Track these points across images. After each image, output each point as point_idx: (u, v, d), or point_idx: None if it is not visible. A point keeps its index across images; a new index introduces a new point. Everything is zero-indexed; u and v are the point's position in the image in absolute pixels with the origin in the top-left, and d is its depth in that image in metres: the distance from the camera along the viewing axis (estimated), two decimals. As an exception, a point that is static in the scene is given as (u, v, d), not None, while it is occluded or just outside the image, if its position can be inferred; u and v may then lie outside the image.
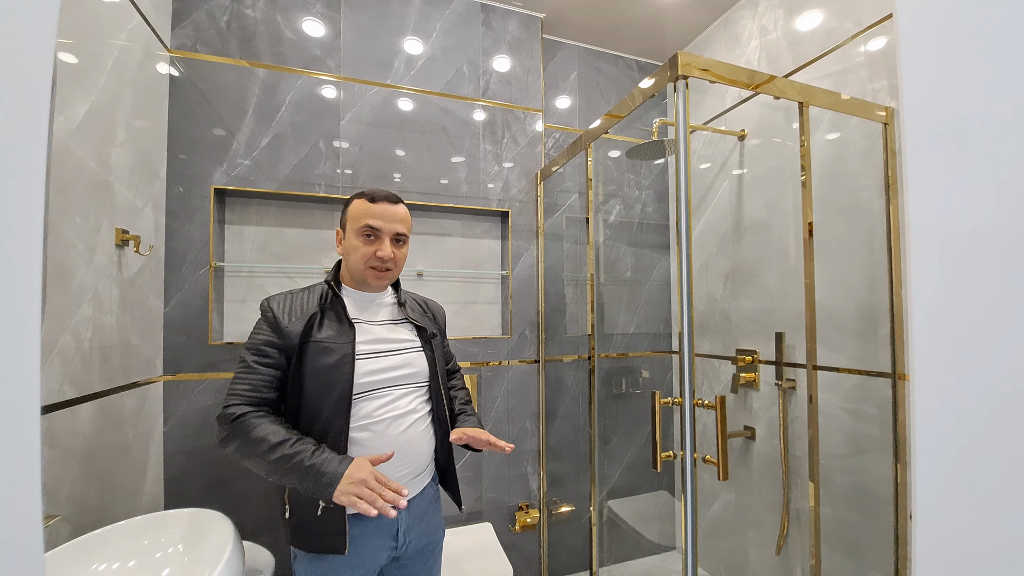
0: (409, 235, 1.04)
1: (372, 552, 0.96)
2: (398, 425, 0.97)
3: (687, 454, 1.04)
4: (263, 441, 0.83)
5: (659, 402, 1.13)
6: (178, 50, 1.48)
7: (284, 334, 0.94)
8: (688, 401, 1.05)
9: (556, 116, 2.04)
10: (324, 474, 0.80)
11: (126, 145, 1.24)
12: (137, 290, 1.30)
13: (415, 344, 1.05)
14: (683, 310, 1.07)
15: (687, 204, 1.11)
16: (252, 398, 0.90)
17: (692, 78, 1.12)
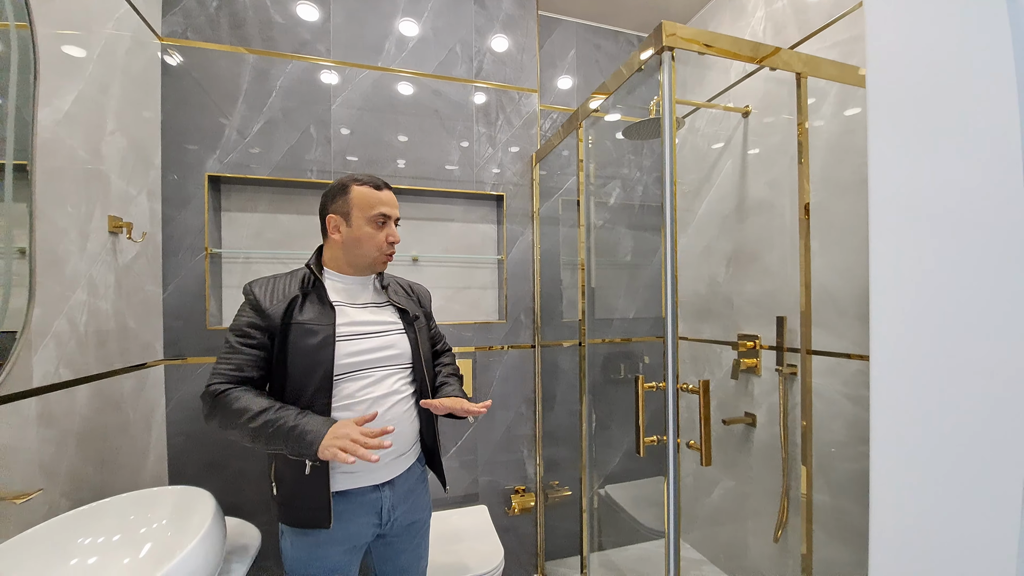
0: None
1: (357, 528, 0.98)
2: (380, 405, 0.98)
3: (670, 439, 1.02)
4: (246, 411, 0.87)
5: (642, 387, 1.11)
6: (169, 37, 1.49)
7: (266, 316, 0.95)
8: (671, 385, 1.03)
9: (554, 96, 1.99)
10: (308, 432, 0.84)
11: (117, 134, 1.26)
12: (133, 276, 1.34)
13: (397, 326, 1.07)
14: (667, 293, 1.05)
15: (672, 184, 1.07)
16: (234, 377, 0.93)
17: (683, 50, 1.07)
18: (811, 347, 1.19)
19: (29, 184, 0.92)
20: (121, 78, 1.28)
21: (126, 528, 0.85)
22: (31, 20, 0.89)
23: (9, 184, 0.87)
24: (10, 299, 0.88)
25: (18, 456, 0.90)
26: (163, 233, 1.49)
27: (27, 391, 0.93)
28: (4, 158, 0.86)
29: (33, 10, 0.90)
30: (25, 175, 0.91)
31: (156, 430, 1.43)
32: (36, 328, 0.96)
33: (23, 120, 0.90)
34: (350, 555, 1.00)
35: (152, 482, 1.40)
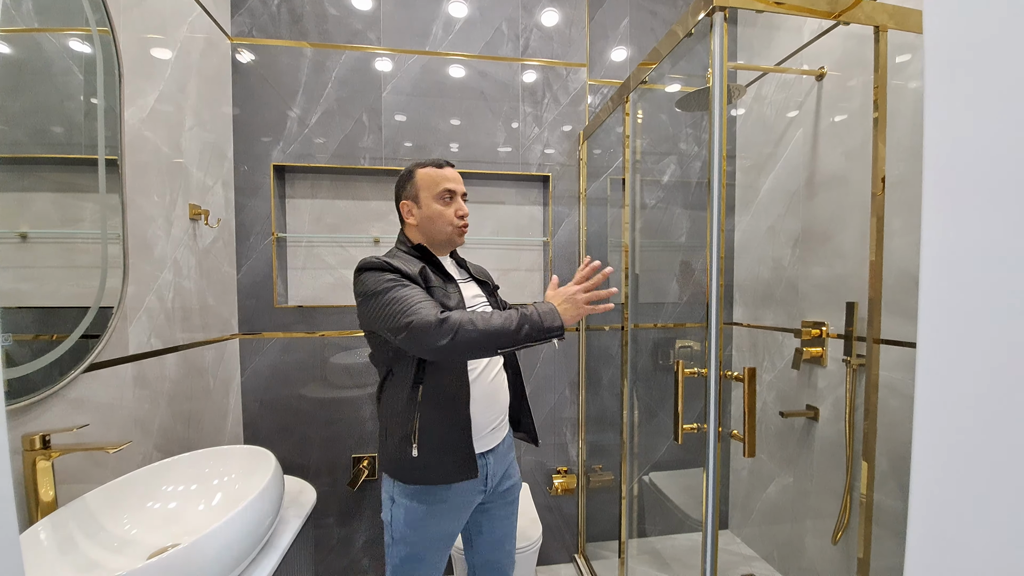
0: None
1: (467, 495, 1.01)
2: (490, 371, 1.05)
3: (711, 427, 0.98)
4: (482, 331, 0.83)
5: (682, 372, 1.06)
6: (238, 37, 1.61)
7: (409, 276, 0.93)
8: (713, 372, 0.98)
9: (605, 70, 1.91)
10: (545, 315, 0.85)
11: (195, 129, 1.40)
12: (212, 258, 1.49)
13: (484, 299, 1.12)
14: (711, 275, 0.99)
15: (721, 159, 1.00)
16: (427, 300, 0.89)
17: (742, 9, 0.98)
18: (879, 335, 1.07)
19: (120, 177, 1.06)
20: (196, 77, 1.40)
21: (202, 479, 0.97)
22: (111, 24, 1.00)
23: (103, 177, 1.00)
24: (107, 279, 1.02)
25: (117, 413, 1.05)
26: (236, 219, 1.64)
27: (124, 357, 1.08)
28: (97, 153, 0.99)
29: (113, 15, 1.01)
30: (116, 169, 1.04)
31: (233, 396, 1.61)
32: (130, 303, 1.11)
33: (112, 119, 1.03)
34: (456, 524, 1.02)
35: (231, 440, 1.58)
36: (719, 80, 0.94)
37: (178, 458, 0.98)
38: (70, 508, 0.78)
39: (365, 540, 1.73)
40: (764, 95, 1.82)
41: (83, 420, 0.94)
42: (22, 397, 0.80)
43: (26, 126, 0.88)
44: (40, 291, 0.90)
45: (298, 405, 1.68)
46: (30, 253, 0.88)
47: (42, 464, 0.76)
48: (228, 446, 1.08)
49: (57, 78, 0.94)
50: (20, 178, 0.88)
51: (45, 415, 0.86)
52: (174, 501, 0.91)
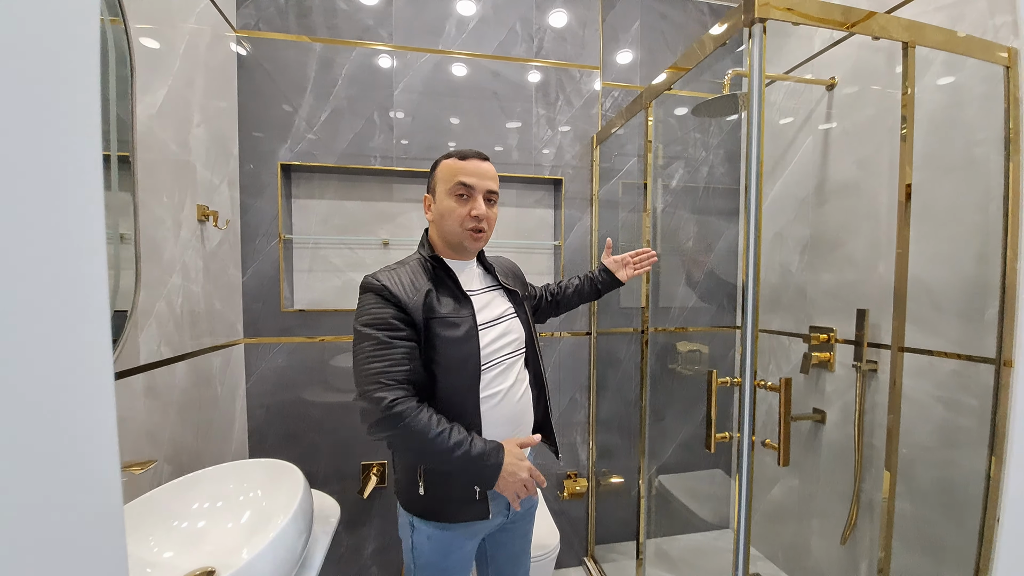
0: (498, 193, 0.96)
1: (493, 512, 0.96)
2: (513, 394, 0.95)
3: (744, 438, 0.98)
4: (424, 433, 0.80)
5: (715, 382, 1.07)
6: (244, 30, 1.55)
7: (409, 309, 0.86)
8: (748, 382, 0.98)
9: (615, 72, 1.90)
10: (486, 467, 0.83)
11: (202, 126, 1.33)
12: (218, 261, 1.43)
13: (511, 310, 1.01)
14: (748, 283, 0.99)
15: (759, 166, 1.00)
16: (396, 375, 0.82)
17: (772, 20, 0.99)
18: (903, 343, 1.09)
19: (132, 175, 1.00)
20: (203, 71, 1.34)
21: (227, 496, 0.93)
22: (124, 15, 0.95)
23: (115, 174, 0.95)
24: (120, 281, 0.97)
25: (130, 426, 1.00)
26: (242, 220, 1.57)
27: (136, 367, 1.03)
28: (109, 150, 0.93)
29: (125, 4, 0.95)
30: (127, 167, 0.99)
31: (239, 404, 1.55)
32: (141, 309, 1.05)
33: (123, 114, 0.97)
34: (475, 543, 1.00)
35: (238, 450, 1.52)
36: (758, 89, 0.94)
37: (199, 474, 0.94)
38: (94, 532, 0.74)
39: (374, 548, 1.70)
40: (773, 102, 1.85)
41: (98, 436, 0.89)
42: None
43: None
44: None
45: (305, 412, 1.63)
46: None
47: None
48: (248, 460, 1.04)
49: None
50: None
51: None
52: (202, 520, 0.87)
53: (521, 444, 0.90)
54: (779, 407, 0.95)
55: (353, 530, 1.69)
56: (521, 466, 0.86)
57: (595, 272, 1.32)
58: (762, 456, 1.75)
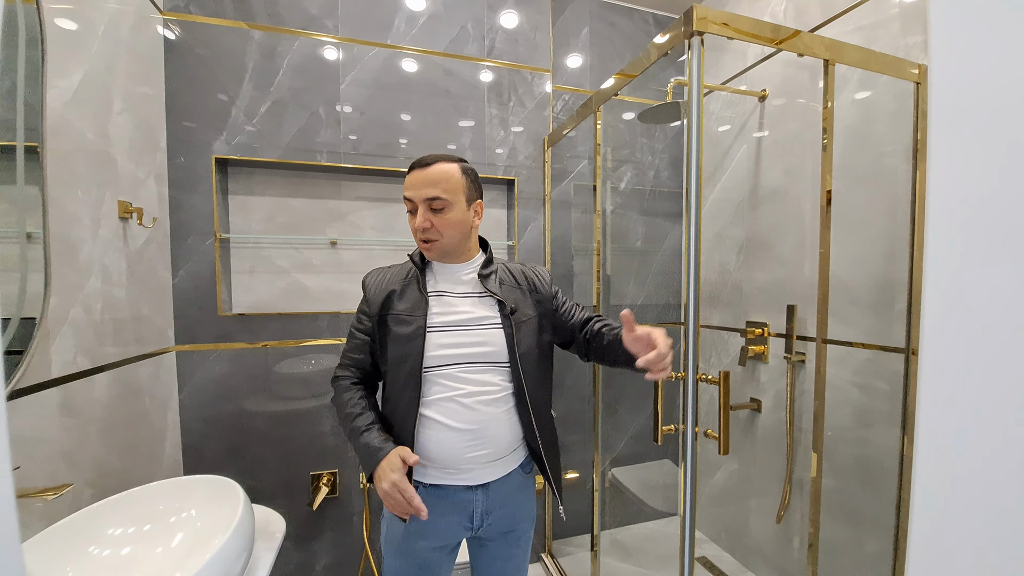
0: (454, 196, 0.90)
1: (446, 526, 0.94)
2: (471, 404, 0.90)
3: (688, 429, 1.04)
4: (342, 406, 0.96)
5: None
6: (171, 12, 1.43)
7: (370, 303, 0.98)
8: (691, 376, 1.03)
9: (566, 76, 1.94)
10: (369, 456, 0.87)
11: (124, 115, 1.22)
12: (145, 262, 1.32)
13: (495, 320, 0.95)
14: (690, 282, 1.04)
15: (698, 171, 1.06)
16: (350, 360, 1.00)
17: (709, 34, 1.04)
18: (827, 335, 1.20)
19: (41, 167, 0.89)
20: (126, 55, 1.23)
21: (156, 518, 0.85)
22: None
23: (21, 167, 0.84)
24: (27, 285, 0.86)
25: (42, 447, 0.90)
26: (172, 218, 1.45)
27: (47, 381, 0.92)
28: (15, 140, 0.83)
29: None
30: (36, 157, 0.88)
31: (171, 417, 1.43)
32: (53, 317, 0.94)
33: (32, 100, 0.87)
34: (440, 554, 0.96)
35: (170, 468, 1.41)
36: (697, 97, 1.00)
37: (125, 495, 0.86)
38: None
39: (326, 563, 1.63)
40: (711, 111, 1.96)
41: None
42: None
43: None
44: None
45: (247, 423, 1.54)
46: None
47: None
48: (182, 478, 0.96)
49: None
50: None
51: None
52: (127, 545, 0.80)
53: (404, 459, 0.84)
54: (719, 399, 1.01)
55: (303, 544, 1.61)
56: (385, 477, 0.82)
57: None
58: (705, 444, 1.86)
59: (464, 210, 0.93)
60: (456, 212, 0.91)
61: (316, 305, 1.62)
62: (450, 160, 0.93)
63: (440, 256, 0.96)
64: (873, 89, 1.33)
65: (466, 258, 0.99)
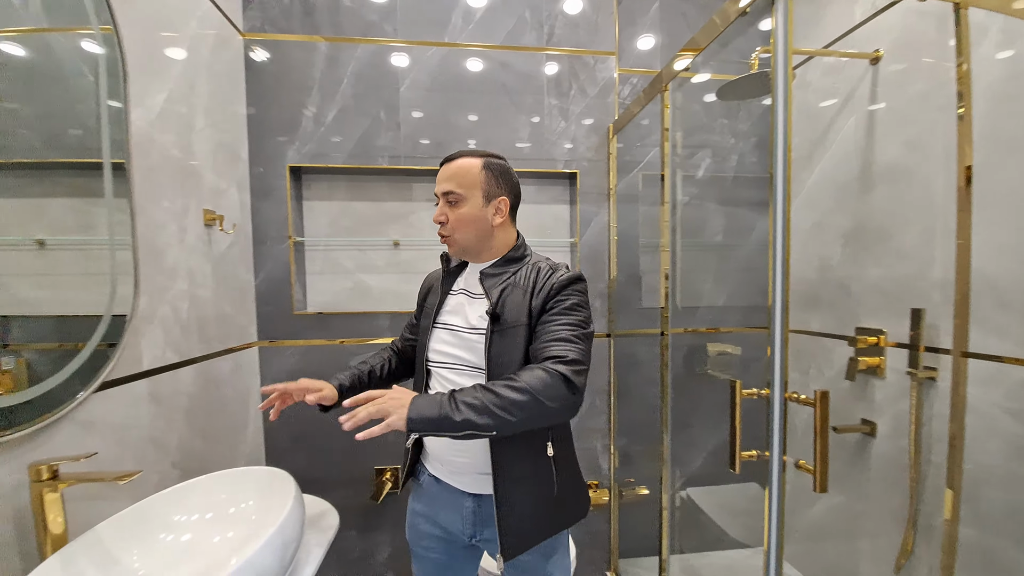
0: (470, 191, 0.88)
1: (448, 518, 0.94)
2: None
3: (773, 458, 0.87)
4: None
5: (740, 393, 0.96)
6: (250, 32, 1.54)
7: (419, 295, 1.09)
8: (777, 393, 0.87)
9: (634, 59, 1.79)
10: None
11: (207, 130, 1.33)
12: (228, 265, 1.43)
13: (480, 325, 0.88)
14: (776, 280, 0.88)
15: (786, 150, 0.89)
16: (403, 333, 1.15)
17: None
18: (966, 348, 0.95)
19: (127, 182, 0.99)
20: (207, 75, 1.34)
21: (217, 507, 0.90)
22: (115, 22, 0.94)
23: (108, 181, 0.94)
24: (117, 287, 0.96)
25: (132, 433, 1.00)
26: (253, 223, 1.57)
27: (138, 373, 1.02)
28: (101, 157, 0.92)
29: (116, 12, 0.94)
30: (123, 172, 0.98)
31: (252, 408, 1.55)
32: (142, 315, 1.05)
33: (117, 120, 0.96)
34: (451, 547, 0.97)
35: (250, 454, 1.53)
36: (783, 61, 0.83)
37: (193, 483, 0.92)
38: (81, 541, 0.73)
39: (389, 554, 1.67)
40: (809, 81, 1.69)
41: (95, 443, 0.88)
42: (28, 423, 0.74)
43: (41, 130, 0.83)
44: (56, 299, 0.85)
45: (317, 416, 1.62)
46: (48, 260, 0.84)
47: (50, 496, 0.70)
48: (245, 468, 1.01)
49: (69, 80, 0.88)
50: (36, 184, 0.84)
51: (52, 440, 0.80)
52: (188, 532, 0.85)
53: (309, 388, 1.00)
54: (814, 424, 0.83)
55: (366, 535, 1.66)
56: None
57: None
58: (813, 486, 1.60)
59: (479, 206, 0.89)
60: (470, 207, 0.88)
61: (378, 305, 1.67)
62: (477, 155, 0.91)
63: (460, 253, 0.95)
64: (1021, 40, 1.02)
65: (489, 257, 0.95)
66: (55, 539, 0.71)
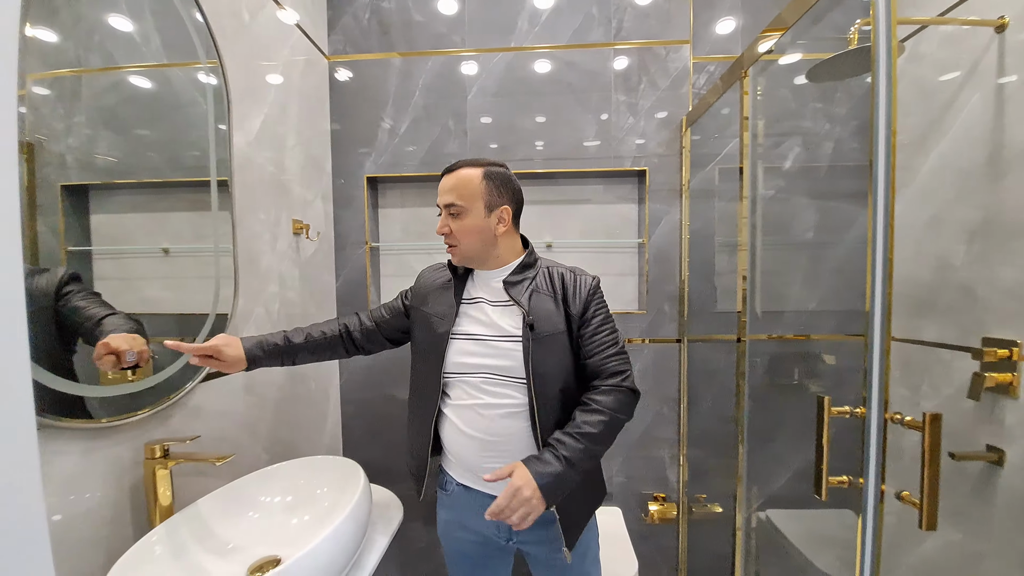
0: (471, 202, 0.89)
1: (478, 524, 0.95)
2: (489, 415, 0.90)
3: (869, 487, 0.77)
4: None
5: (828, 411, 0.85)
6: (333, 55, 1.67)
7: (414, 294, 1.05)
8: (875, 413, 0.77)
9: (711, 45, 1.67)
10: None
11: (297, 148, 1.47)
12: (313, 268, 1.57)
13: (516, 333, 0.90)
14: (875, 282, 0.79)
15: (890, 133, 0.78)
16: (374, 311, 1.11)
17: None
18: None
19: (230, 196, 1.12)
20: (298, 97, 1.47)
21: (296, 491, 1.00)
22: (219, 56, 1.06)
23: (215, 197, 1.07)
24: (220, 289, 1.09)
25: (230, 419, 1.13)
26: (335, 231, 1.71)
27: (236, 366, 1.15)
28: (209, 176, 1.06)
29: (221, 47, 1.07)
30: (226, 189, 1.11)
31: (332, 400, 1.69)
32: (241, 314, 1.18)
33: (222, 142, 1.09)
34: (484, 548, 0.99)
35: (330, 443, 1.66)
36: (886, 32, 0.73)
37: (277, 468, 1.02)
38: (184, 514, 0.84)
39: (454, 548, 1.73)
40: (923, 54, 1.46)
41: (200, 427, 1.01)
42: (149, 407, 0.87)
43: (164, 153, 0.98)
44: (176, 300, 1.01)
45: (389, 409, 1.72)
46: (172, 266, 1.00)
47: (161, 472, 0.82)
48: (322, 456, 1.10)
49: (186, 108, 1.02)
50: (162, 199, 0.99)
51: (166, 424, 0.93)
52: (271, 513, 0.95)
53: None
54: (922, 452, 0.72)
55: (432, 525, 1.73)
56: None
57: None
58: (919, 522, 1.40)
59: (482, 217, 0.90)
60: (472, 219, 0.90)
61: (446, 306, 1.73)
62: (477, 164, 0.92)
63: (464, 262, 0.97)
64: None
65: (496, 265, 0.96)
66: (163, 510, 0.82)
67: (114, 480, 0.79)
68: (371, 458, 1.70)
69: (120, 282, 0.89)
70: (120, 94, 0.89)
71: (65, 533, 0.71)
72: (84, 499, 0.74)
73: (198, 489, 0.93)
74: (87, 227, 0.84)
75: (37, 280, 0.74)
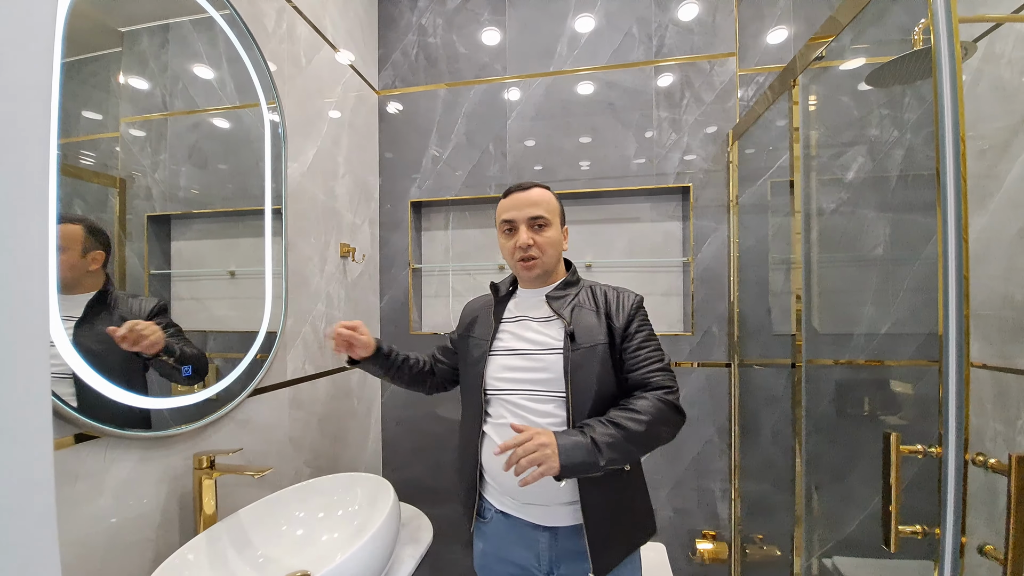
0: (553, 216, 0.95)
1: (520, 556, 0.92)
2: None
3: (946, 538, 0.67)
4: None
5: (897, 449, 0.75)
6: (383, 90, 1.78)
7: (459, 326, 1.10)
8: (952, 452, 0.67)
9: (760, 56, 1.60)
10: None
11: (346, 177, 1.56)
12: (359, 290, 1.64)
13: (556, 345, 0.90)
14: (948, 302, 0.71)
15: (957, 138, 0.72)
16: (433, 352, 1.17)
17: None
18: None
19: (283, 224, 1.21)
20: (349, 130, 1.57)
21: (329, 508, 1.02)
22: (278, 96, 1.16)
23: (269, 224, 1.16)
24: (272, 308, 1.17)
25: (276, 432, 1.18)
26: (381, 253, 1.79)
27: (283, 382, 1.22)
28: (264, 205, 1.14)
29: (279, 89, 1.17)
30: (280, 216, 1.20)
31: (374, 417, 1.73)
32: (289, 333, 1.25)
33: (277, 176, 1.19)
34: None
35: (370, 459, 1.69)
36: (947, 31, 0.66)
37: (312, 483, 1.05)
38: (225, 523, 0.88)
39: (492, 575, 1.68)
40: (1000, 53, 1.32)
41: (248, 439, 1.07)
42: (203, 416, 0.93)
43: (235, 184, 1.09)
44: (240, 318, 1.09)
45: (432, 428, 1.73)
46: (237, 287, 1.09)
47: (207, 482, 0.87)
48: (356, 474, 1.11)
49: (253, 144, 1.13)
50: (232, 227, 1.09)
51: (217, 435, 0.99)
52: (302, 528, 0.97)
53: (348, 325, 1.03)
54: (1008, 499, 0.62)
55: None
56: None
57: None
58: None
59: (559, 230, 0.97)
60: (553, 232, 0.95)
61: (486, 326, 1.74)
62: (544, 186, 0.98)
63: (541, 276, 0.98)
64: None
65: (552, 280, 1.00)
66: (207, 519, 0.87)
67: (166, 487, 0.85)
68: (415, 476, 1.72)
69: (193, 302, 0.98)
70: (200, 133, 1.00)
71: (118, 535, 0.77)
72: (140, 504, 0.80)
73: (243, 497, 0.98)
74: (168, 252, 0.94)
75: (132, 303, 0.83)
